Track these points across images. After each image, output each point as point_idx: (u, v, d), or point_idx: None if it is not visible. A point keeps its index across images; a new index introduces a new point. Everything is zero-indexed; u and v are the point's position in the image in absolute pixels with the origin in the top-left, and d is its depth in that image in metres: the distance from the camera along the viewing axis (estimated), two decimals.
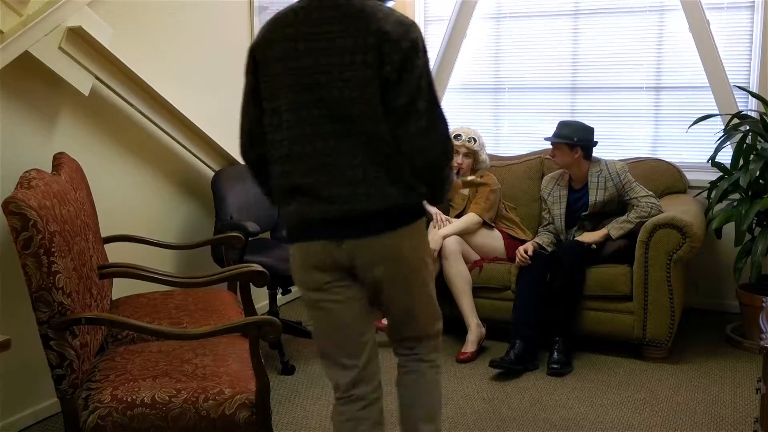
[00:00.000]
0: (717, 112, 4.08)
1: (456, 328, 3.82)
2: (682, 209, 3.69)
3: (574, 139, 3.77)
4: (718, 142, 3.88)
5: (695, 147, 4.33)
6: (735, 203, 3.74)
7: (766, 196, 3.63)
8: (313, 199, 1.94)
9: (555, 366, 3.48)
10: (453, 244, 3.78)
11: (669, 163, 4.21)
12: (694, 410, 3.09)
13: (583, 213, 3.83)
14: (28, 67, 2.83)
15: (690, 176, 4.22)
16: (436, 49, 4.85)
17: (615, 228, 3.69)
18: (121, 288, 3.01)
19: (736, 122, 3.85)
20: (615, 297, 3.63)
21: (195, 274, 2.84)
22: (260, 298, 3.84)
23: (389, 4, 2.04)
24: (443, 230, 3.83)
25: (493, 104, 4.96)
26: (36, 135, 2.96)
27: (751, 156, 3.71)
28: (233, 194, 3.65)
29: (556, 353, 3.55)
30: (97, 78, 3.07)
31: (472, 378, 3.46)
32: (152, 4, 3.46)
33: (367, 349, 2.07)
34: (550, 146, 3.88)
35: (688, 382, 3.38)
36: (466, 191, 4.07)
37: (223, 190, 3.62)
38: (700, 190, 4.10)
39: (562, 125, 3.87)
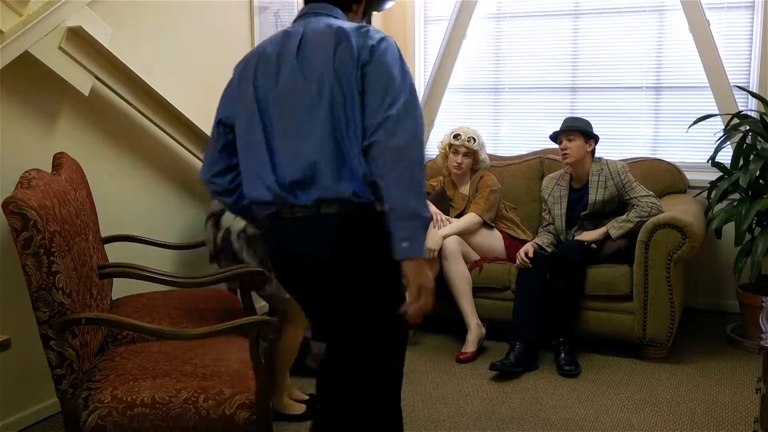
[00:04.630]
0: (717, 112, 4.08)
1: (456, 328, 3.82)
2: (682, 209, 3.69)
3: (589, 131, 3.78)
4: (718, 142, 3.88)
5: (695, 147, 4.33)
6: (735, 203, 3.74)
7: (766, 196, 3.63)
8: None
9: (568, 368, 3.46)
10: (453, 244, 3.77)
11: (669, 163, 4.21)
12: (694, 410, 3.08)
13: (583, 212, 3.83)
14: (28, 67, 2.82)
15: (690, 176, 4.23)
16: (436, 49, 4.85)
17: (615, 227, 3.68)
18: (121, 288, 3.01)
19: (736, 122, 3.85)
20: (615, 297, 3.63)
21: (195, 274, 2.84)
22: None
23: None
24: (443, 230, 3.83)
25: (493, 104, 4.96)
26: (36, 135, 2.96)
27: (751, 156, 3.71)
28: None
29: (563, 354, 3.54)
30: (97, 78, 3.07)
31: (472, 378, 3.46)
32: (152, 4, 3.45)
33: None
34: (556, 146, 3.89)
35: (688, 382, 3.38)
36: (466, 191, 4.07)
37: None
38: (700, 190, 4.10)
39: (573, 119, 3.87)
